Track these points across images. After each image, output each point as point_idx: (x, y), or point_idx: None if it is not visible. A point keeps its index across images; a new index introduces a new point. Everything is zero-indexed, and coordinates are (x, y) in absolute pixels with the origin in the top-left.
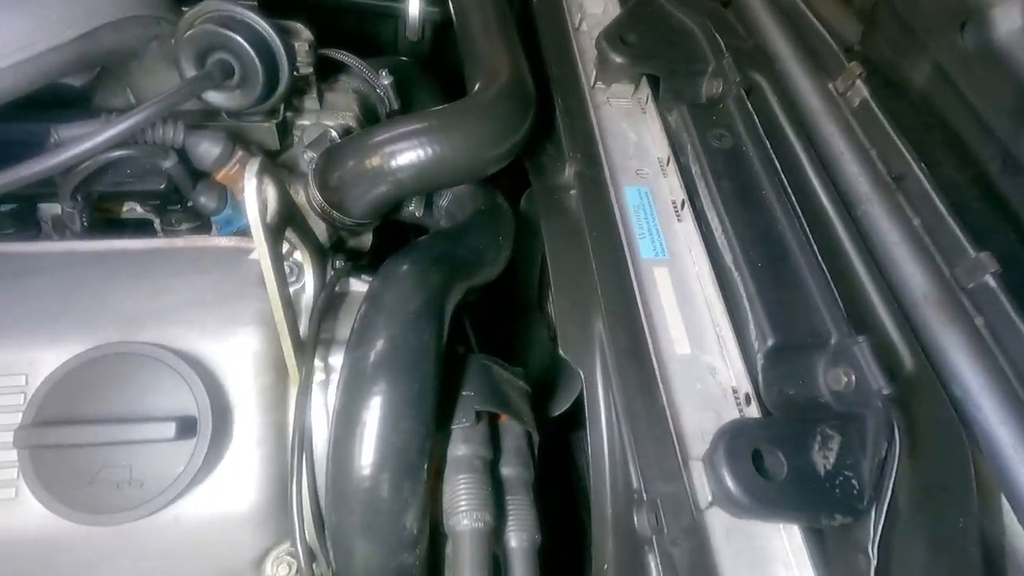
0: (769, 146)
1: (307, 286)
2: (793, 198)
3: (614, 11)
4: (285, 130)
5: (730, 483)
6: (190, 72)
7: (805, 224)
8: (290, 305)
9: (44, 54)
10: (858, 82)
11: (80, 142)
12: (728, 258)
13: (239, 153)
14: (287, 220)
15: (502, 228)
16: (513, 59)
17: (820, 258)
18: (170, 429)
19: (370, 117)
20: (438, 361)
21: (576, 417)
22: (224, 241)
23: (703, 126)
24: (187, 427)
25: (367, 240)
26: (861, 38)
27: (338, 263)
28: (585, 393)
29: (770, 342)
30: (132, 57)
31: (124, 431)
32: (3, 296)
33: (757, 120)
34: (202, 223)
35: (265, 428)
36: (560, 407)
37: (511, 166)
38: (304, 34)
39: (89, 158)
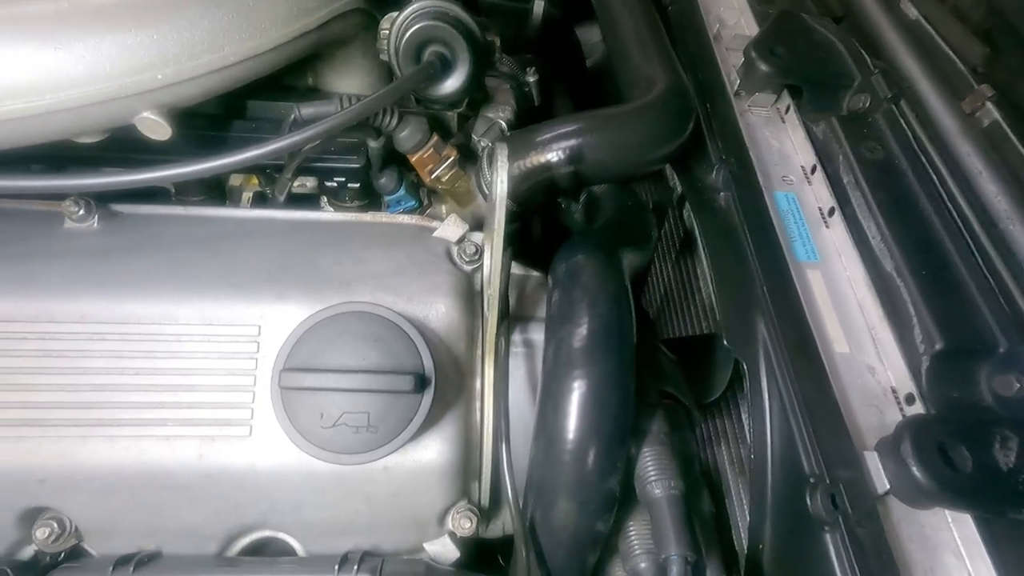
0: (923, 160)
1: (485, 265)
2: (952, 210)
3: (747, 23)
4: (462, 119)
5: (918, 472)
6: (407, 63)
7: (967, 235)
8: (500, 281)
9: (297, 38)
10: (988, 104)
11: (330, 120)
12: (888, 265)
13: (434, 139)
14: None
15: (647, 220)
16: (672, 67)
17: (984, 268)
18: (409, 382)
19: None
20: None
21: None
22: (406, 218)
23: (855, 138)
24: (420, 382)
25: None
26: (985, 60)
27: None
28: (748, 384)
29: (937, 346)
30: (340, 45)
31: (370, 380)
32: (231, 256)
33: (910, 135)
34: (369, 201)
35: (458, 392)
36: (711, 395)
37: None
38: (493, 30)
39: (331, 134)
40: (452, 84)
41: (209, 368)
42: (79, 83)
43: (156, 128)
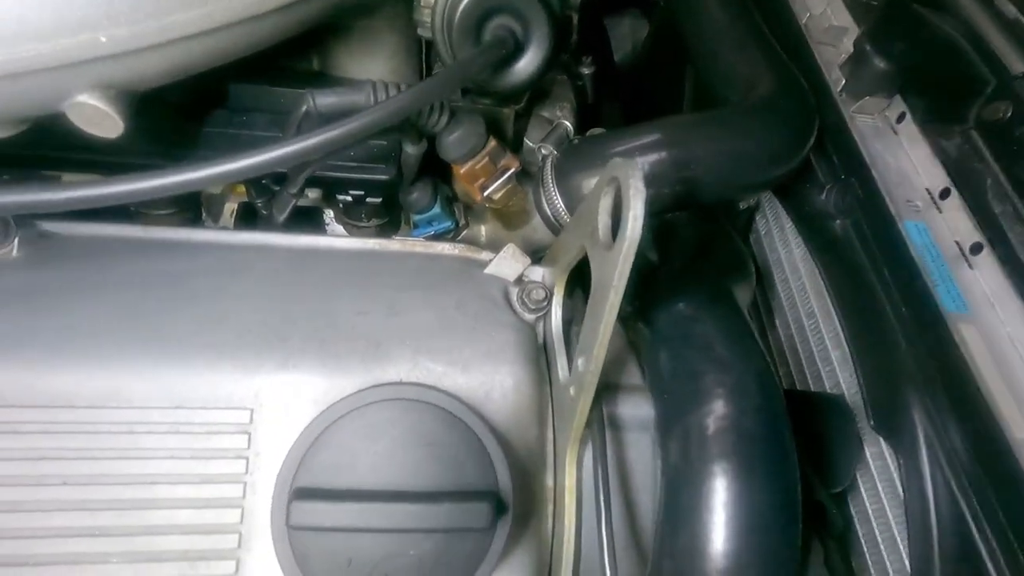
0: None
1: (554, 313)
2: None
3: (835, 12)
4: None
5: None
6: (463, 41)
7: None
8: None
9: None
10: None
11: (362, 116)
12: None
13: (491, 144)
14: None
15: (740, 248)
16: (779, 59)
17: None
18: (483, 515)
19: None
20: None
21: None
22: (447, 247)
23: (1005, 156)
24: (496, 509)
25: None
26: None
27: None
28: (905, 482)
29: None
30: (362, 15)
31: (426, 515)
32: (213, 303)
33: None
34: (390, 219)
35: (529, 498)
36: (837, 484)
37: None
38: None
39: (362, 136)
40: (523, 71)
41: (177, 474)
42: None
43: (99, 119)
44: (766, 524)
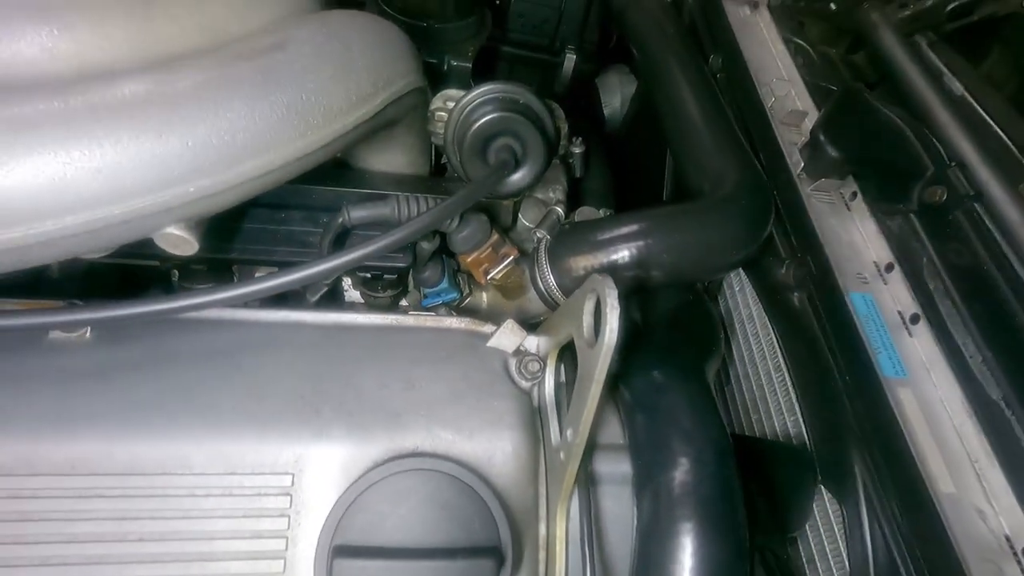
0: (1012, 265)
1: (547, 381)
2: None
3: (799, 95)
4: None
5: None
6: (472, 155)
7: None
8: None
9: (351, 131)
10: None
11: (391, 235)
12: (994, 392)
13: (494, 237)
14: None
15: (713, 318)
16: (745, 155)
17: None
18: (489, 568)
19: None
20: None
21: None
22: (455, 322)
23: (938, 237)
24: (498, 563)
25: None
26: None
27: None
28: (847, 531)
29: None
30: (388, 126)
31: (445, 569)
32: (256, 377)
33: (999, 237)
34: (403, 288)
35: (522, 547)
36: (791, 529)
37: None
38: (559, 112)
39: (391, 249)
40: (519, 181)
41: (231, 531)
42: (92, 204)
43: (180, 244)
44: (722, 572)
